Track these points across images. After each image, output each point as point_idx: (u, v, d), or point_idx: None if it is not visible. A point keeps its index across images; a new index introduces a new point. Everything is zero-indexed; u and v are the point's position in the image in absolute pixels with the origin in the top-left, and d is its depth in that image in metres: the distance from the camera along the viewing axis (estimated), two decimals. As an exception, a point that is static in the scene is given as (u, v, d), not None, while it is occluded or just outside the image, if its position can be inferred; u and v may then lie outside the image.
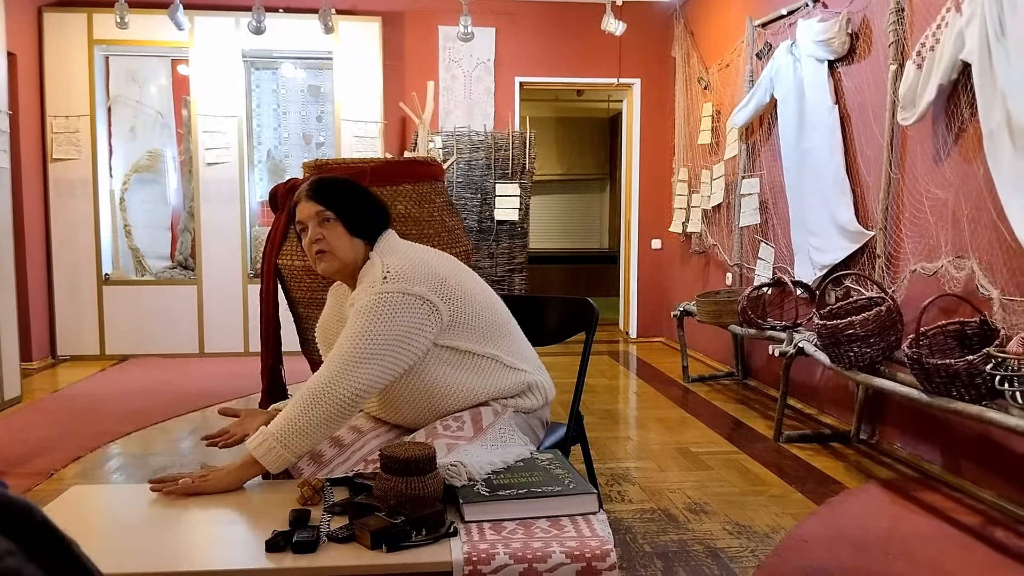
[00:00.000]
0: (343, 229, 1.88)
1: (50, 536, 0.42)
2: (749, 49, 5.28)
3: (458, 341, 1.88)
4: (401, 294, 1.79)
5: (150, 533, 1.53)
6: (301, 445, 1.73)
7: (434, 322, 1.82)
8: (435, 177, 2.89)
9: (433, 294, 1.83)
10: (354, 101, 6.49)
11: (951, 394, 2.83)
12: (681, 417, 4.61)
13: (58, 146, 6.26)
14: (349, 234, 1.88)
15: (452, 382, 1.89)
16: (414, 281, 1.81)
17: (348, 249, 1.89)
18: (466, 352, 1.90)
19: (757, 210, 5.14)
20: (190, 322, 6.49)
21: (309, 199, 1.89)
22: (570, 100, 10.12)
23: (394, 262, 1.84)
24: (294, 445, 1.72)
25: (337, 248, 1.87)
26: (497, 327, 1.98)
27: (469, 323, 1.90)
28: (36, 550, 0.40)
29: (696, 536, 2.81)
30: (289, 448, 1.72)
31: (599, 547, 1.43)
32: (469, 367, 1.91)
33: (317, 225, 1.88)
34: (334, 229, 1.87)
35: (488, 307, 1.97)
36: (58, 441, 4.04)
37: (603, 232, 11.36)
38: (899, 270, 3.68)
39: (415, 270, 1.84)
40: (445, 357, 1.88)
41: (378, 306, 1.77)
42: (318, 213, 1.88)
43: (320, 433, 1.75)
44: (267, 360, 2.95)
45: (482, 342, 1.92)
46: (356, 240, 1.90)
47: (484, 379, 1.93)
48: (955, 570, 2.52)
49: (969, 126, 3.20)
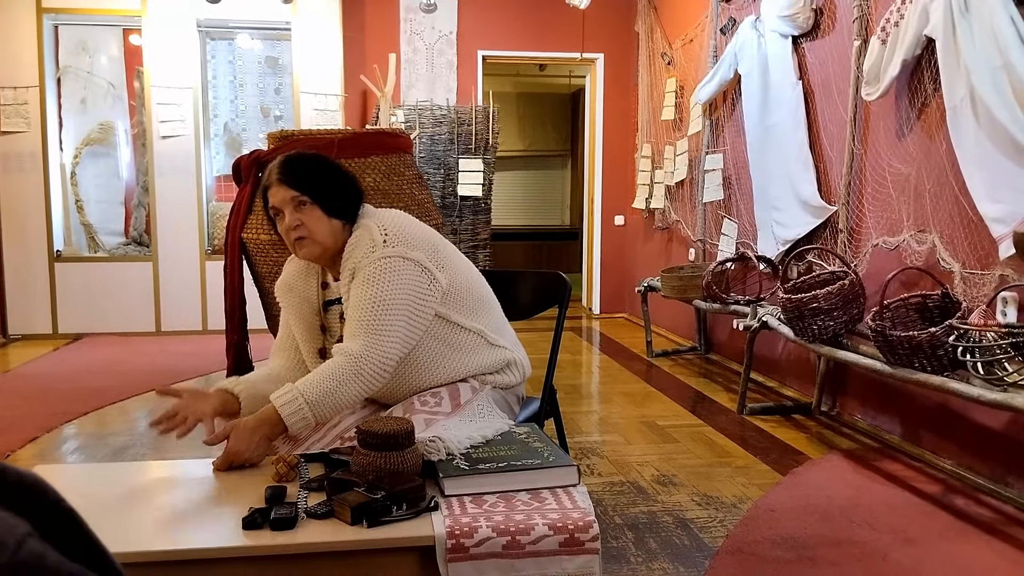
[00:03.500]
0: (320, 211, 1.81)
1: (64, 516, 0.39)
2: (713, 24, 5.28)
3: (448, 312, 1.86)
4: (402, 259, 1.76)
5: (121, 513, 1.49)
6: (326, 414, 1.72)
7: (435, 291, 1.81)
8: (404, 149, 2.84)
9: (429, 261, 1.81)
10: (313, 73, 6.35)
11: (914, 365, 2.88)
12: (646, 391, 4.65)
13: (6, 118, 6.03)
14: (327, 216, 1.82)
15: (436, 356, 1.87)
16: (411, 246, 1.79)
17: (327, 232, 1.82)
18: (455, 325, 1.88)
19: (720, 186, 5.17)
20: (146, 300, 6.35)
21: (282, 183, 1.81)
22: (532, 75, 10.06)
23: (390, 225, 1.81)
24: (321, 412, 1.70)
25: (316, 232, 1.81)
26: (482, 301, 1.96)
27: (458, 293, 1.88)
28: (50, 530, 0.38)
29: (665, 507, 2.84)
30: (316, 413, 1.69)
31: (581, 519, 1.43)
32: (454, 343, 1.89)
33: (293, 210, 1.80)
34: (311, 213, 1.80)
35: (474, 280, 1.96)
36: (12, 422, 3.93)
37: (564, 208, 11.36)
38: (861, 244, 3.73)
39: (411, 234, 1.82)
40: (434, 330, 1.85)
41: (384, 271, 1.74)
42: (293, 198, 1.80)
43: (346, 405, 1.74)
44: (232, 337, 2.88)
45: (469, 315, 1.91)
46: (334, 221, 1.83)
47: (467, 355, 1.91)
48: (918, 536, 2.58)
49: (932, 101, 3.24)
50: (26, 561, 0.35)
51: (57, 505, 0.39)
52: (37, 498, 0.39)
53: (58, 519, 0.39)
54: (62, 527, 0.39)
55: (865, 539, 2.55)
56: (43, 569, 0.36)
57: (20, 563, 0.35)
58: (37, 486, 0.39)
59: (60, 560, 0.37)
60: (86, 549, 0.40)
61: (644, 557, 2.43)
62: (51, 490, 0.39)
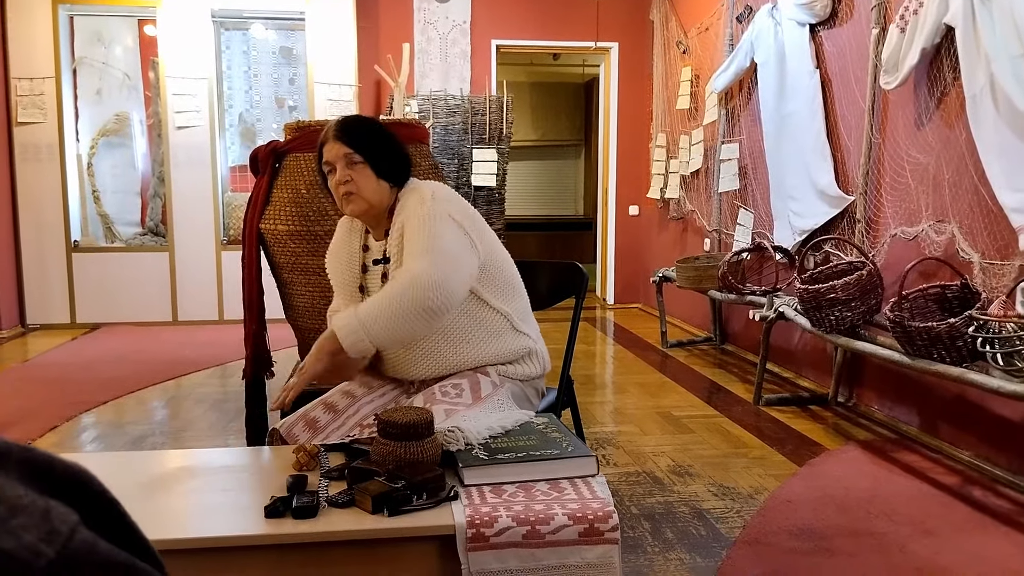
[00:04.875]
0: (371, 171, 1.88)
1: (108, 506, 0.40)
2: (729, 12, 5.25)
3: (481, 288, 1.91)
4: (448, 216, 1.82)
5: (144, 501, 1.50)
6: (380, 333, 1.71)
7: (475, 256, 1.86)
8: (420, 139, 2.84)
9: (470, 230, 1.87)
10: (327, 63, 6.36)
11: (932, 356, 2.87)
12: (661, 381, 4.64)
13: (23, 109, 6.07)
14: (376, 176, 1.89)
15: (464, 332, 1.91)
16: (456, 210, 1.86)
17: (375, 191, 1.89)
18: (485, 303, 1.93)
19: (736, 175, 5.15)
20: (162, 290, 6.39)
21: (337, 140, 1.88)
22: (545, 64, 10.02)
23: (438, 189, 1.89)
24: (374, 331, 1.71)
25: (364, 189, 1.88)
26: (512, 285, 2.01)
27: (492, 273, 1.93)
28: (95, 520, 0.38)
29: (681, 498, 2.84)
30: (369, 332, 1.70)
31: (601, 508, 1.43)
32: (482, 322, 1.93)
33: (345, 167, 1.87)
34: (362, 171, 1.88)
35: (507, 262, 2.01)
36: (32, 411, 3.97)
37: (578, 198, 11.33)
38: (879, 234, 3.71)
39: (457, 202, 1.89)
40: (464, 305, 1.90)
41: (434, 216, 1.80)
42: (347, 155, 1.87)
43: (400, 325, 1.71)
44: (251, 327, 2.90)
45: (499, 296, 1.95)
46: (382, 183, 1.90)
47: (493, 338, 1.95)
48: (936, 528, 2.57)
49: (952, 90, 3.21)
50: (79, 549, 0.35)
51: (101, 496, 0.40)
52: (83, 489, 0.39)
53: (102, 509, 0.40)
54: (106, 517, 0.40)
55: (883, 530, 2.54)
56: (95, 557, 0.36)
57: (73, 551, 0.35)
58: (83, 477, 0.39)
59: (110, 548, 0.37)
60: (128, 539, 0.40)
61: (661, 547, 2.44)
62: (96, 481, 0.40)
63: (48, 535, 0.35)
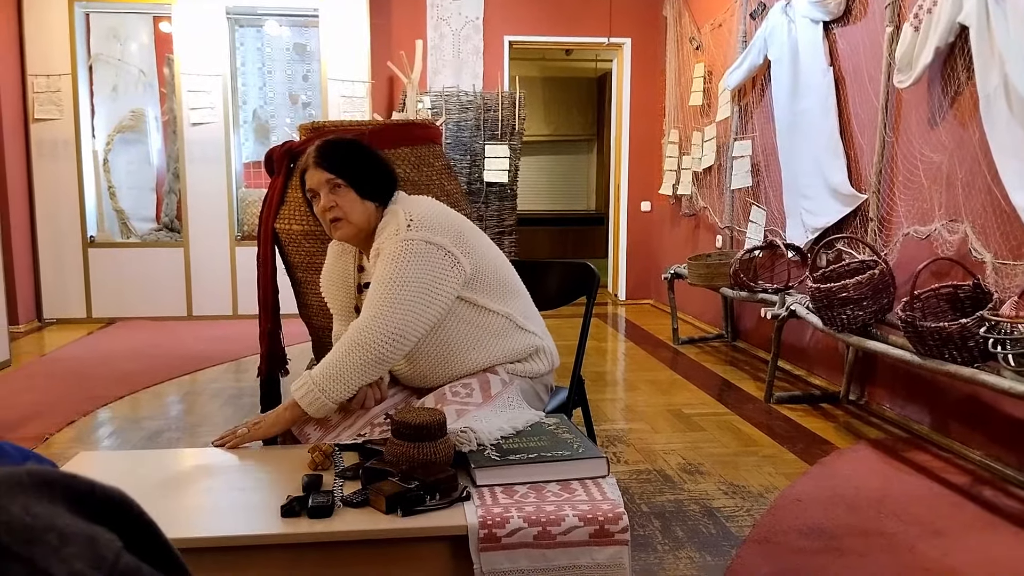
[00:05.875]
0: (355, 194, 1.89)
1: (146, 529, 0.42)
2: (743, 9, 5.24)
3: (476, 296, 1.91)
4: (425, 242, 1.82)
5: (161, 500, 1.53)
6: (339, 392, 1.77)
7: (457, 274, 1.85)
8: (433, 140, 2.86)
9: (454, 246, 1.85)
10: (341, 60, 6.38)
11: (944, 356, 2.87)
12: (672, 379, 4.65)
13: (39, 106, 6.13)
14: (360, 198, 1.89)
15: (467, 339, 1.92)
16: (436, 231, 1.84)
17: (361, 213, 1.90)
18: (482, 308, 1.93)
19: (749, 172, 5.14)
20: (177, 285, 6.44)
21: (318, 167, 1.89)
22: (557, 59, 10.01)
23: (416, 211, 1.87)
24: (332, 391, 1.76)
25: (350, 214, 1.89)
26: (510, 286, 2.01)
27: (486, 279, 1.93)
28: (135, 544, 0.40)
29: (692, 496, 2.85)
30: (327, 393, 1.75)
31: (611, 510, 1.45)
32: (484, 326, 1.94)
33: (329, 192, 1.88)
34: (346, 195, 1.88)
35: (501, 265, 2.01)
36: (50, 406, 4.03)
37: (590, 193, 11.32)
38: (892, 233, 3.70)
39: (436, 221, 1.87)
40: (462, 313, 1.91)
41: (404, 253, 1.80)
42: (328, 181, 1.88)
43: (357, 379, 1.78)
44: (265, 324, 2.93)
45: (497, 300, 1.96)
46: (368, 203, 1.91)
47: (497, 340, 1.96)
48: (946, 528, 2.57)
49: (965, 90, 3.20)
50: (124, 574, 0.37)
51: (140, 519, 0.42)
52: (123, 513, 0.41)
53: (141, 532, 0.42)
54: (145, 540, 0.42)
55: (893, 530, 2.55)
56: None
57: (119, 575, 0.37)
58: (122, 501, 0.41)
59: (152, 572, 0.39)
60: (166, 561, 0.43)
61: (671, 545, 2.46)
62: (134, 504, 0.42)
63: (96, 561, 0.37)
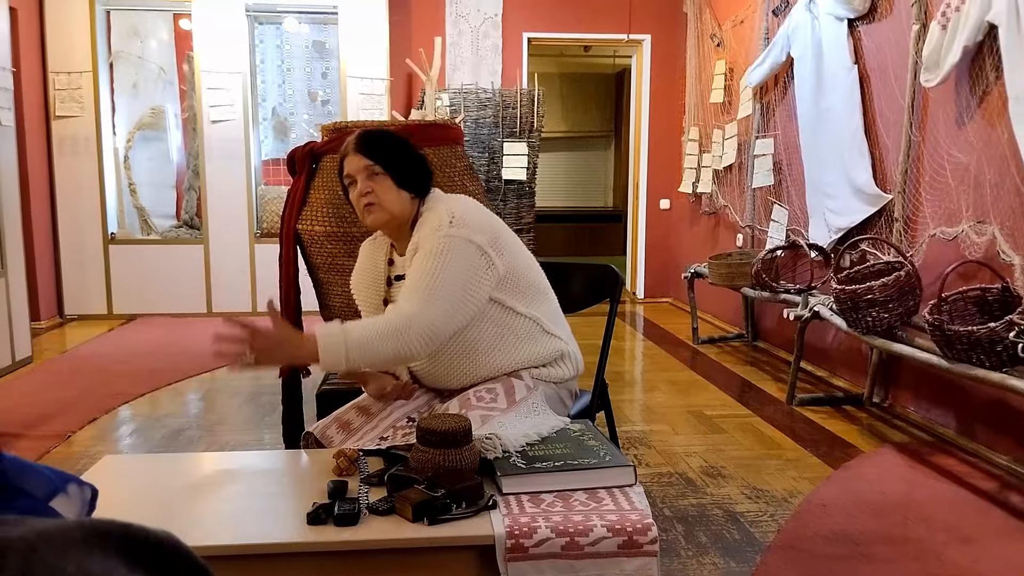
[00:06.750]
0: (391, 182, 1.90)
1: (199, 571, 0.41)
2: (765, 5, 5.18)
3: (505, 297, 1.92)
4: (466, 240, 1.83)
5: (187, 505, 1.53)
6: (359, 363, 1.72)
7: (492, 275, 1.87)
8: (455, 140, 2.84)
9: (490, 247, 1.86)
10: (360, 57, 6.38)
11: (971, 361, 2.83)
12: (692, 379, 4.62)
13: (61, 103, 6.17)
14: (397, 187, 1.91)
15: (493, 340, 1.92)
16: (475, 230, 1.85)
17: (396, 202, 1.91)
18: (510, 310, 1.93)
19: (771, 171, 5.10)
20: (197, 282, 6.47)
21: (357, 152, 1.91)
22: (575, 56, 9.97)
23: (457, 209, 1.89)
24: (354, 359, 1.70)
25: (385, 201, 1.89)
26: (538, 289, 2.01)
27: (516, 281, 1.94)
28: None
29: (714, 500, 2.83)
30: (349, 358, 1.70)
31: (640, 520, 1.44)
32: (511, 328, 1.94)
33: (366, 179, 1.89)
34: (383, 183, 1.89)
35: (531, 268, 2.01)
36: (71, 403, 4.05)
37: (608, 190, 11.28)
38: (917, 234, 3.66)
39: (476, 219, 1.88)
40: (490, 314, 1.91)
41: (446, 249, 1.80)
42: (367, 167, 1.89)
43: (380, 363, 1.78)
44: (287, 325, 2.92)
45: (525, 302, 1.96)
46: (403, 192, 1.92)
47: (523, 343, 1.95)
48: (973, 535, 2.54)
49: (994, 89, 3.15)
50: None
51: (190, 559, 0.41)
52: (176, 556, 0.40)
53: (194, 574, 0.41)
54: None
55: (920, 536, 2.52)
56: None
57: None
58: (175, 546, 0.40)
59: None
60: None
61: (695, 551, 2.43)
62: (184, 546, 0.41)
63: None
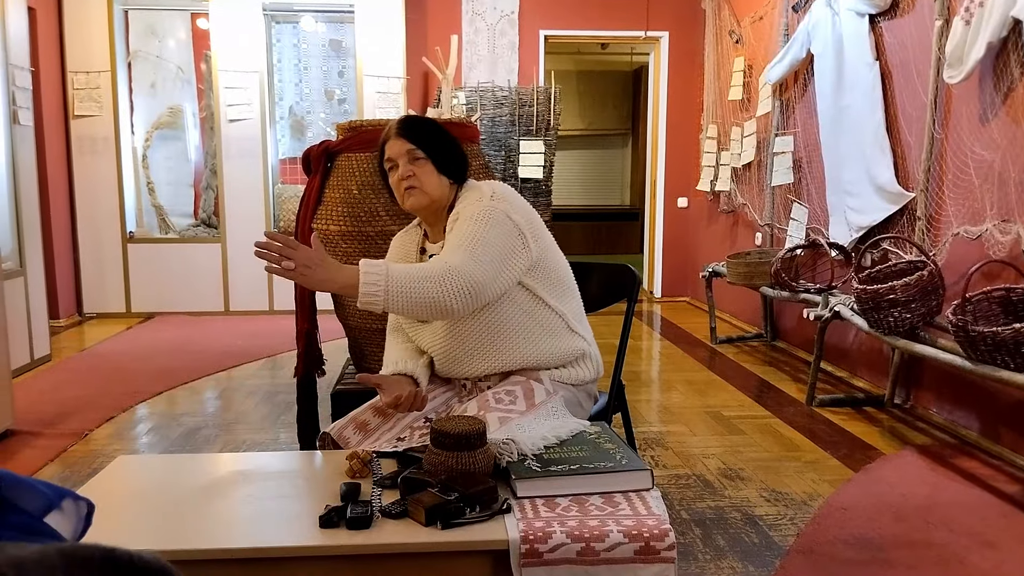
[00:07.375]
0: (432, 167, 1.94)
1: None
2: (785, 1, 5.13)
3: (535, 284, 1.94)
4: (505, 215, 1.87)
5: (199, 508, 1.52)
6: (397, 303, 1.69)
7: (525, 257, 1.89)
8: (471, 139, 2.82)
9: (526, 229, 1.90)
10: (376, 56, 6.37)
11: (996, 362, 2.78)
12: (709, 379, 4.58)
13: (79, 102, 6.20)
14: (437, 172, 1.94)
15: (519, 329, 1.92)
16: (515, 209, 1.90)
17: (436, 186, 1.94)
18: (540, 300, 1.95)
19: (790, 169, 5.04)
20: (215, 280, 6.49)
21: (400, 136, 1.94)
22: (593, 53, 9.92)
23: (497, 187, 1.96)
24: (393, 300, 1.68)
25: (426, 184, 1.93)
26: (567, 286, 2.03)
27: (547, 271, 1.97)
28: None
29: (733, 503, 2.79)
30: (390, 294, 1.68)
31: (656, 526, 1.41)
32: (538, 319, 1.95)
33: (408, 163, 1.93)
34: (424, 167, 1.93)
35: (560, 263, 2.04)
36: (89, 401, 4.07)
37: (624, 188, 11.23)
38: (940, 233, 3.60)
39: (516, 200, 1.94)
40: (519, 300, 1.92)
41: (489, 216, 1.84)
42: (409, 151, 1.93)
43: (417, 310, 1.71)
44: (303, 325, 2.92)
45: (555, 295, 1.97)
46: (443, 178, 1.96)
47: (547, 337, 1.96)
48: (997, 539, 2.49)
49: (1019, 86, 3.09)
50: None
51: None
52: None
53: None
54: None
55: (942, 541, 2.47)
56: None
57: None
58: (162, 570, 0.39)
59: None
60: None
61: (713, 555, 2.40)
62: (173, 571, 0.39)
63: None
